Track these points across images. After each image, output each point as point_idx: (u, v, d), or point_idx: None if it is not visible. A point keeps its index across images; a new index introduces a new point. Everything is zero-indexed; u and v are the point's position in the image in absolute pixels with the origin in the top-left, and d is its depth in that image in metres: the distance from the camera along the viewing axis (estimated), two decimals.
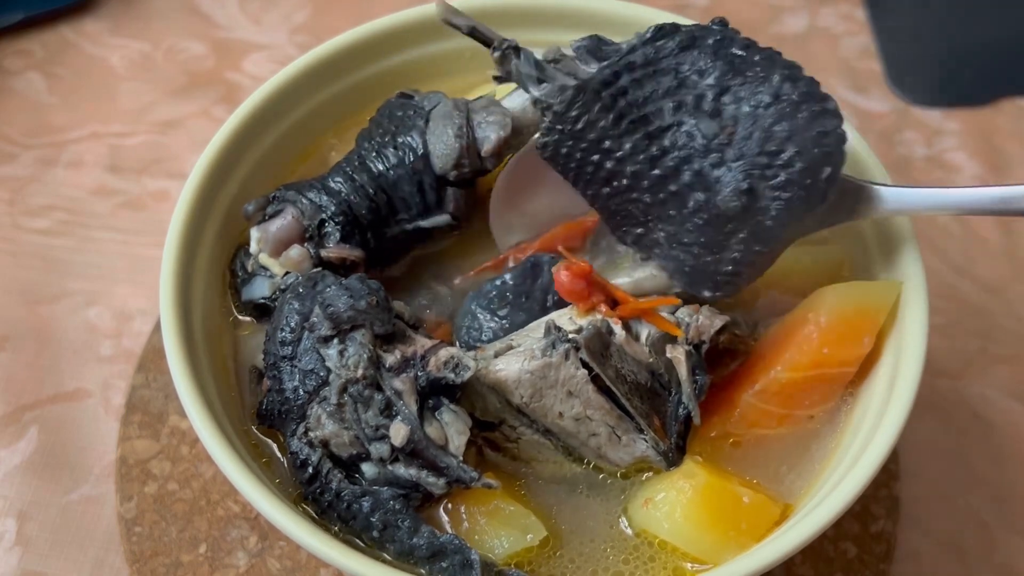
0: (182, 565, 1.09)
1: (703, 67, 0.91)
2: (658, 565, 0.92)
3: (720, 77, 0.91)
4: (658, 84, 0.92)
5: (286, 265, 1.01)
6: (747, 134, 0.90)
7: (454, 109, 1.02)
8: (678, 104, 0.91)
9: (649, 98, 0.92)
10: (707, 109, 0.91)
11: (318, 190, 1.02)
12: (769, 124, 0.89)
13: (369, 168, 1.03)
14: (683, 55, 0.92)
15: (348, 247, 1.01)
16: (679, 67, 0.92)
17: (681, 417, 0.95)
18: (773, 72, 0.90)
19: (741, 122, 0.90)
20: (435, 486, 0.88)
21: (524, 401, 0.93)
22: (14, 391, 1.24)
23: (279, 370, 0.92)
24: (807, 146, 0.89)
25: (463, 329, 1.01)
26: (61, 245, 1.36)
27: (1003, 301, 1.35)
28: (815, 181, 0.89)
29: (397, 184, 1.03)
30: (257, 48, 1.57)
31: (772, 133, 0.89)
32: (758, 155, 0.89)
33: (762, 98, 0.89)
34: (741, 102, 0.90)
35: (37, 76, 1.53)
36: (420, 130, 1.03)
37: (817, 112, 0.89)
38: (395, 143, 1.03)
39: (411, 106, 1.05)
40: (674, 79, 0.92)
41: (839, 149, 0.90)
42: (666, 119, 0.92)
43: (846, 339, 0.96)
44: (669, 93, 0.92)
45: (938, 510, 1.19)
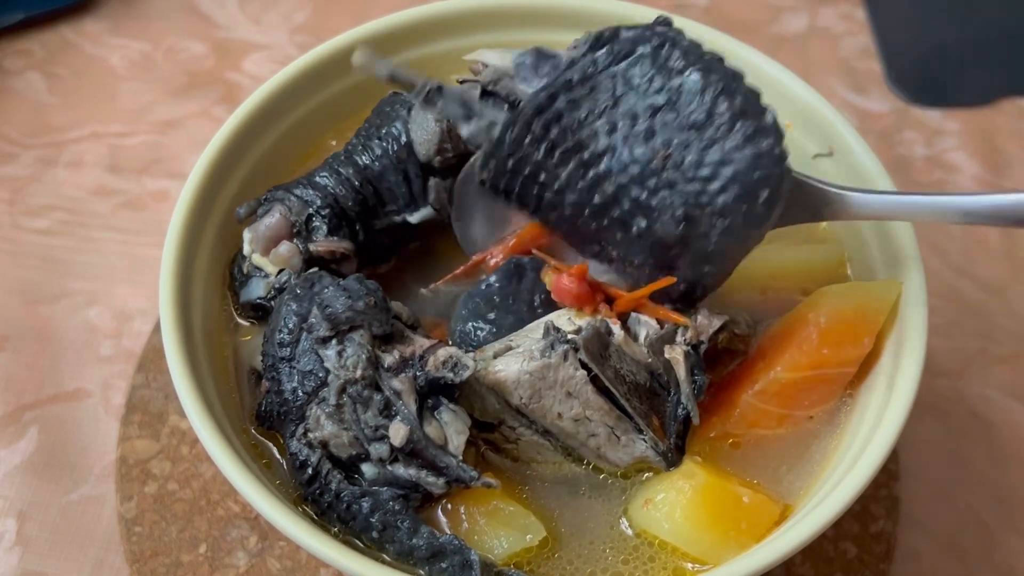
0: (182, 565, 1.09)
1: (639, 83, 0.88)
2: (658, 565, 0.92)
3: (655, 94, 0.87)
4: (595, 103, 0.89)
5: (276, 262, 1.01)
6: (680, 159, 0.87)
7: None
8: (612, 126, 0.89)
9: (584, 121, 0.90)
10: (641, 131, 0.88)
11: (304, 186, 1.03)
12: (702, 148, 0.86)
13: (355, 161, 1.03)
14: (620, 67, 0.89)
15: (336, 240, 1.01)
16: (615, 83, 0.89)
17: (680, 417, 0.95)
18: (708, 86, 0.86)
19: (675, 146, 0.87)
20: (435, 486, 0.88)
21: (523, 402, 0.93)
22: (14, 391, 1.24)
23: (278, 371, 0.92)
24: (742, 169, 0.86)
25: (456, 333, 1.01)
26: (61, 245, 1.36)
27: (1003, 301, 1.35)
28: (752, 205, 0.87)
29: (382, 175, 1.03)
30: (257, 48, 1.57)
31: (704, 158, 0.86)
32: (692, 181, 0.87)
33: (696, 117, 0.86)
34: (674, 122, 0.87)
35: (37, 76, 1.53)
36: (403, 119, 1.03)
37: (751, 133, 0.85)
38: (379, 135, 1.04)
39: (399, 101, 1.05)
40: (610, 97, 0.89)
41: (776, 170, 0.86)
42: (600, 143, 0.89)
43: (846, 339, 0.96)
44: (604, 113, 0.89)
45: (938, 510, 1.19)
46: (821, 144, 1.09)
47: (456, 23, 1.15)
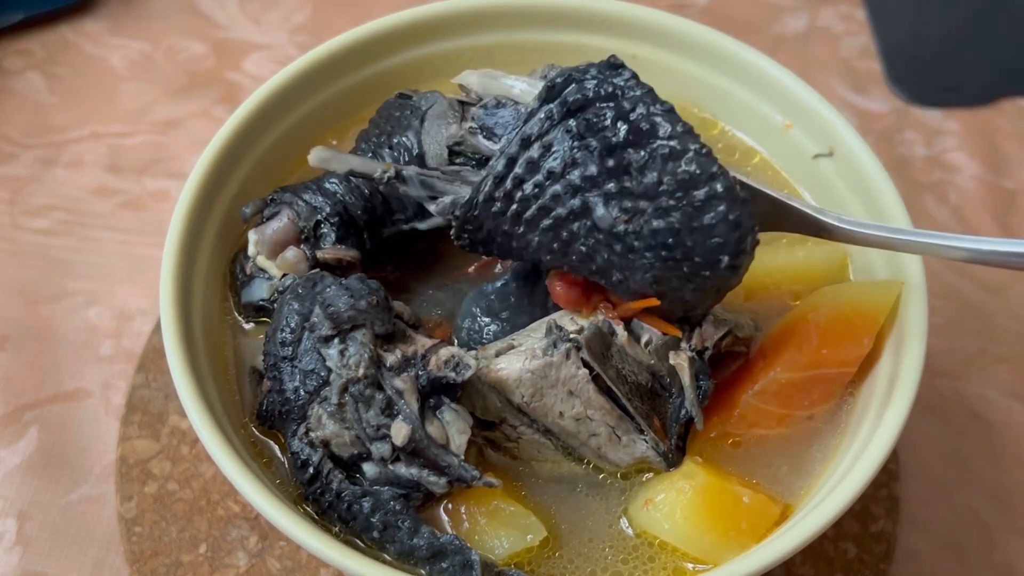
0: (182, 565, 1.09)
1: (592, 142, 0.86)
2: (658, 565, 0.92)
3: (607, 156, 0.86)
4: (554, 162, 0.88)
5: (282, 267, 1.01)
6: (639, 227, 0.86)
7: (449, 109, 1.02)
8: (573, 188, 0.87)
9: (545, 185, 0.89)
10: (600, 196, 0.87)
11: (314, 191, 1.02)
12: (657, 216, 0.85)
13: None
14: (572, 124, 0.87)
15: (343, 248, 1.01)
16: (571, 141, 0.87)
17: (682, 419, 0.95)
18: (657, 151, 0.84)
19: (633, 212, 0.86)
20: (436, 485, 0.88)
21: (525, 400, 0.93)
22: (14, 391, 1.24)
23: (279, 371, 0.92)
24: (698, 240, 0.85)
25: (463, 330, 1.01)
26: (61, 245, 1.36)
27: (1003, 301, 1.35)
28: (715, 270, 0.86)
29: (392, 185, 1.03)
30: (257, 48, 1.57)
31: (660, 226, 0.85)
32: (653, 249, 0.86)
33: (649, 181, 0.85)
34: (631, 187, 0.86)
35: (37, 76, 1.53)
36: (416, 130, 1.03)
37: (700, 202, 0.84)
38: (391, 143, 1.03)
39: (408, 106, 1.05)
40: (568, 156, 0.87)
41: (732, 236, 0.85)
42: (565, 205, 0.88)
43: (846, 339, 0.96)
44: (563, 176, 0.88)
45: (938, 510, 1.19)
46: (821, 144, 1.09)
47: (456, 23, 1.15)
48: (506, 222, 0.91)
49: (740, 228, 0.85)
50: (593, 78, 0.87)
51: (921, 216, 1.42)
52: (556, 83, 0.88)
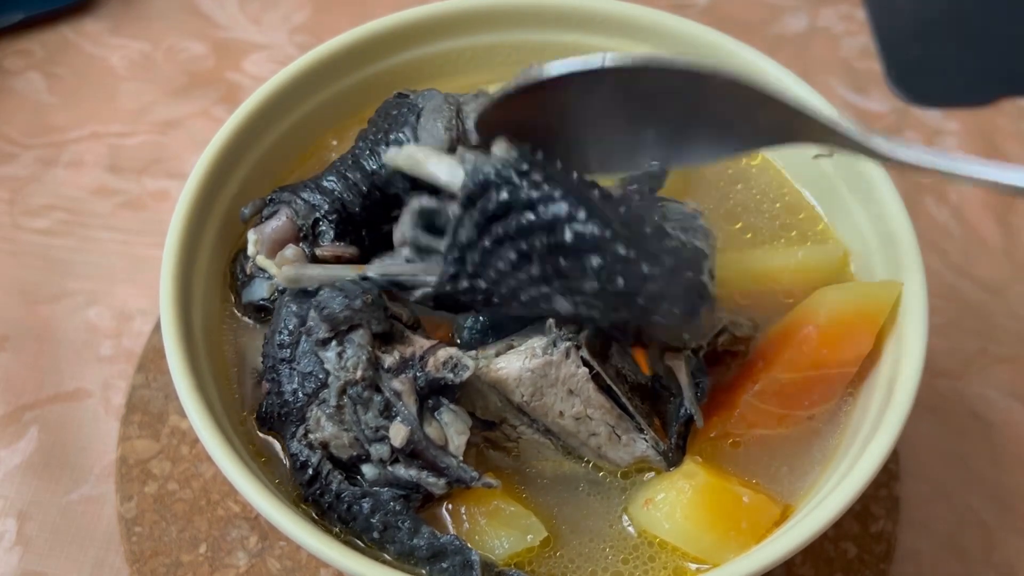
0: (182, 565, 1.09)
1: (523, 246, 0.87)
2: (658, 565, 0.92)
3: (543, 259, 0.87)
4: (500, 262, 0.88)
5: (282, 265, 1.00)
6: (599, 315, 0.89)
7: (444, 102, 1.03)
8: (528, 282, 0.88)
9: (500, 280, 0.89)
10: (556, 287, 0.88)
11: (312, 189, 1.03)
12: (609, 311, 0.88)
13: (363, 166, 1.03)
14: (501, 228, 0.87)
15: (342, 245, 1.01)
16: (508, 244, 0.87)
17: (682, 418, 0.95)
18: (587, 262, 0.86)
19: (589, 306, 0.88)
20: (435, 486, 0.88)
21: (524, 400, 0.93)
22: (14, 391, 1.24)
23: (278, 373, 0.92)
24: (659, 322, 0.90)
25: (465, 330, 1.01)
26: (61, 245, 1.36)
27: (1003, 301, 1.35)
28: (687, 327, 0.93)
29: (390, 181, 1.03)
30: (257, 48, 1.57)
31: (617, 319, 0.90)
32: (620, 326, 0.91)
33: (589, 289, 0.87)
34: (577, 286, 0.87)
35: (37, 76, 1.53)
36: (412, 126, 1.03)
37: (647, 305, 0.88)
38: (387, 140, 1.03)
39: (406, 104, 1.05)
40: (509, 257, 0.87)
41: (695, 317, 0.91)
42: (527, 292, 0.89)
43: (846, 339, 0.96)
44: (517, 267, 0.88)
45: (938, 510, 1.19)
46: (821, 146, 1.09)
47: (456, 23, 1.15)
48: (480, 303, 0.92)
49: (697, 305, 0.90)
50: (507, 183, 0.86)
51: (921, 216, 1.42)
52: (472, 189, 0.87)
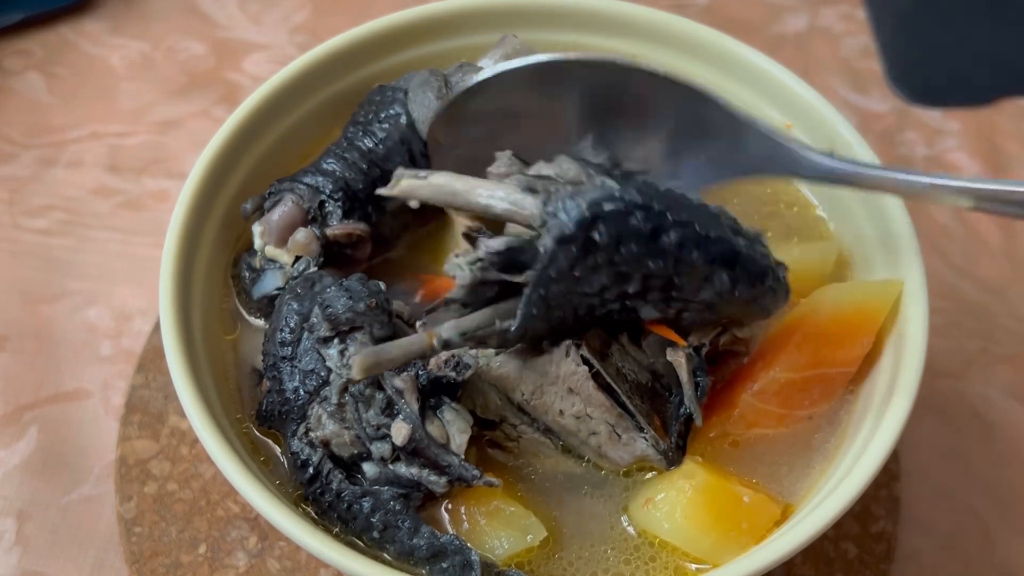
0: (182, 565, 1.09)
1: (625, 270, 0.85)
2: (659, 565, 0.92)
3: (647, 278, 0.85)
4: (588, 288, 0.85)
5: (294, 250, 1.01)
6: (691, 316, 0.90)
7: (430, 75, 1.05)
8: (612, 300, 0.87)
9: (581, 302, 0.87)
10: (647, 301, 0.88)
11: (313, 173, 1.03)
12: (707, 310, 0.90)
13: (358, 146, 1.04)
14: (601, 257, 0.83)
15: (352, 222, 1.01)
16: (606, 271, 0.84)
17: (682, 417, 0.95)
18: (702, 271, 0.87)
19: (682, 308, 0.89)
20: (436, 485, 0.88)
21: (525, 398, 0.93)
22: (14, 391, 1.24)
23: (279, 371, 0.92)
24: (755, 308, 0.92)
25: None
26: (61, 245, 1.36)
27: (1003, 301, 1.35)
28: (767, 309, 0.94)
29: (388, 156, 1.04)
30: (257, 48, 1.57)
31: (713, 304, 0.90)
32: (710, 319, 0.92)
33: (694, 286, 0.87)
34: (676, 294, 0.87)
35: (37, 76, 1.53)
36: (401, 102, 1.05)
37: (759, 295, 0.90)
38: (379, 119, 1.05)
39: (388, 89, 1.07)
40: (601, 282, 0.85)
41: (784, 298, 0.93)
42: (605, 308, 0.88)
43: (846, 339, 0.96)
44: (600, 294, 0.87)
45: (938, 510, 1.19)
46: (821, 144, 1.09)
47: (456, 23, 1.15)
48: (547, 331, 0.90)
49: (787, 289, 0.92)
50: (628, 214, 0.82)
51: (921, 216, 1.42)
52: (575, 229, 0.81)
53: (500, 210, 0.87)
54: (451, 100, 0.96)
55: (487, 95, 0.95)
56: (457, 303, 0.88)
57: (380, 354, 0.84)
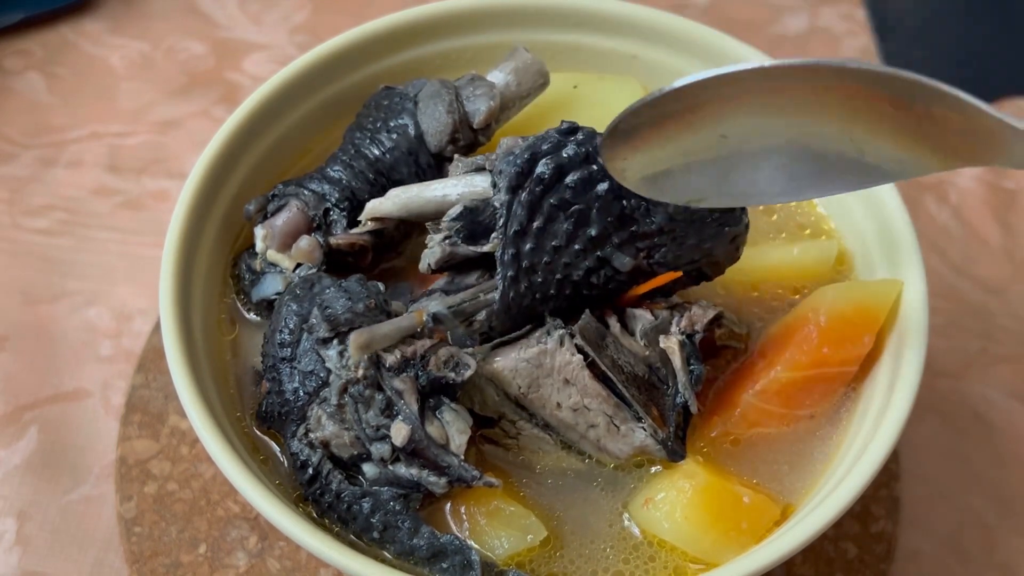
0: (182, 565, 1.09)
1: (582, 207, 0.89)
2: (658, 565, 0.92)
3: (605, 211, 0.89)
4: (554, 240, 0.90)
5: (297, 257, 1.01)
6: (663, 256, 0.92)
7: (441, 87, 1.04)
8: (583, 252, 0.90)
9: (556, 260, 0.90)
10: (616, 243, 0.90)
11: (319, 180, 1.03)
12: (677, 246, 0.91)
13: (365, 155, 1.04)
14: (554, 198, 0.89)
15: (356, 232, 1.01)
16: (562, 214, 0.89)
17: (679, 407, 0.95)
18: None
19: (650, 248, 0.91)
20: (436, 485, 0.88)
21: (521, 391, 0.93)
22: (14, 391, 1.24)
23: (278, 372, 0.92)
24: (718, 247, 0.94)
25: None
26: (61, 245, 1.36)
27: (1003, 301, 1.35)
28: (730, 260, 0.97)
29: (395, 167, 1.03)
30: (257, 48, 1.57)
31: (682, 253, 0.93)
32: (679, 265, 0.94)
33: (659, 220, 0.90)
34: (641, 230, 0.90)
35: (37, 76, 1.53)
36: (410, 112, 1.04)
37: (717, 220, 0.92)
38: (387, 127, 1.04)
39: (396, 94, 1.06)
40: (566, 228, 0.89)
41: (743, 230, 0.95)
42: (580, 268, 0.91)
43: (846, 338, 0.96)
44: (568, 246, 0.90)
45: (938, 510, 1.19)
46: None
47: (456, 23, 1.15)
48: (537, 304, 0.93)
49: (746, 222, 0.94)
50: (560, 147, 0.89)
51: (921, 216, 1.42)
52: (521, 166, 0.88)
53: (456, 195, 0.93)
54: (640, 105, 0.81)
55: None
56: (438, 291, 0.93)
57: (374, 332, 0.87)
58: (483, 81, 1.05)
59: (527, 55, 1.08)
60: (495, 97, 1.04)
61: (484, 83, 1.05)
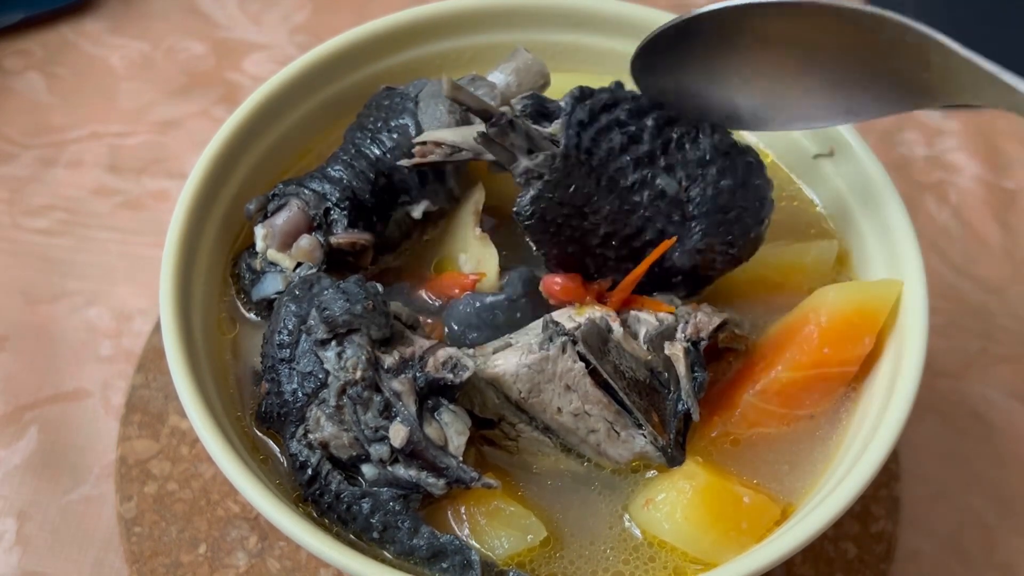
0: (182, 565, 1.09)
1: (634, 126, 0.96)
2: (658, 565, 0.92)
3: (656, 133, 0.96)
4: (611, 141, 0.95)
5: (297, 256, 1.01)
6: (701, 191, 0.97)
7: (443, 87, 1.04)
8: (637, 160, 0.96)
9: (608, 157, 0.95)
10: (662, 165, 0.96)
11: (320, 180, 1.03)
12: (715, 180, 0.97)
13: (366, 154, 1.04)
14: (609, 116, 0.96)
15: (357, 232, 1.01)
16: (618, 126, 0.96)
17: (680, 413, 0.95)
18: (695, 124, 0.98)
19: (694, 178, 0.96)
20: (435, 487, 0.88)
21: (522, 396, 0.93)
22: (14, 391, 1.24)
23: (277, 372, 0.92)
24: (750, 199, 0.98)
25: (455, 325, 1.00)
26: (61, 245, 1.36)
27: (1003, 301, 1.35)
28: (757, 230, 0.99)
29: (395, 167, 1.03)
30: (257, 48, 1.57)
31: (720, 191, 0.97)
32: (711, 214, 0.97)
33: (698, 153, 0.97)
34: (686, 152, 0.97)
35: (37, 76, 1.53)
36: (411, 112, 1.04)
37: (749, 165, 0.98)
38: (388, 127, 1.04)
39: (397, 94, 1.06)
40: (622, 134, 0.96)
41: (770, 193, 1.00)
42: (630, 177, 0.96)
43: (846, 338, 0.96)
44: (624, 149, 0.95)
45: (938, 510, 1.19)
46: (821, 144, 1.09)
47: (456, 23, 1.15)
48: (589, 183, 0.96)
49: (771, 186, 1.00)
50: (610, 89, 0.98)
51: (921, 216, 1.42)
52: (580, 90, 0.96)
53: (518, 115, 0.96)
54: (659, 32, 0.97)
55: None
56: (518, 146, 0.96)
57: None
58: (484, 82, 1.06)
59: (528, 56, 1.08)
60: (496, 97, 1.04)
61: (485, 83, 1.05)
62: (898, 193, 1.02)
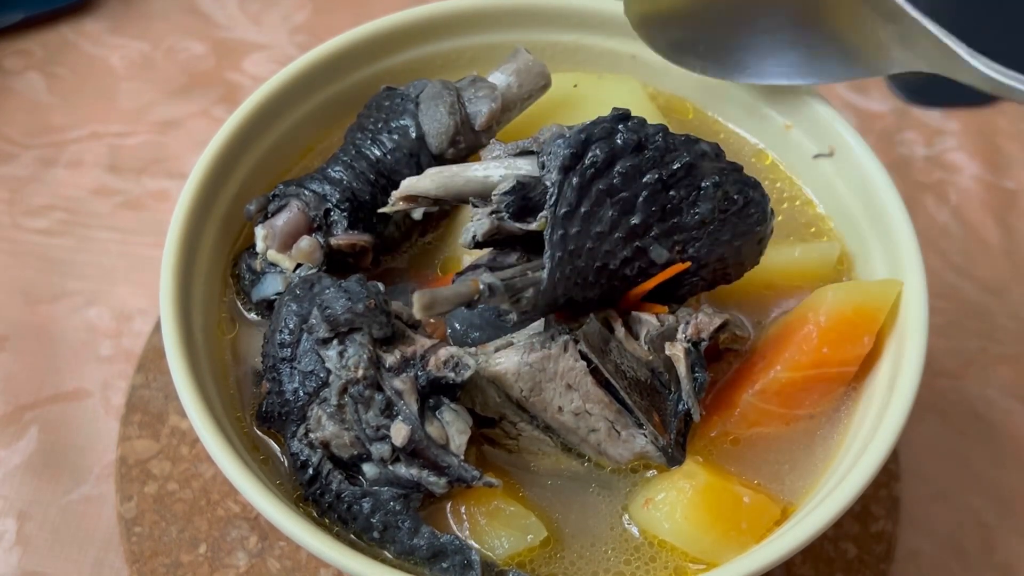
0: (182, 565, 1.09)
1: (627, 196, 0.89)
2: (659, 565, 0.92)
3: (651, 200, 0.90)
4: (599, 225, 0.90)
5: (297, 257, 1.01)
6: (696, 251, 0.93)
7: (443, 88, 1.04)
8: (628, 234, 0.90)
9: (597, 247, 0.90)
10: (654, 235, 0.91)
11: (320, 181, 1.03)
12: (712, 243, 0.93)
13: (367, 155, 1.04)
14: (603, 184, 0.89)
15: (357, 233, 1.01)
16: (609, 200, 0.89)
17: (680, 413, 0.95)
18: (702, 182, 0.91)
19: (687, 242, 0.92)
20: (436, 486, 0.88)
21: (523, 395, 0.93)
22: (14, 391, 1.24)
23: (278, 372, 0.92)
24: (748, 246, 0.96)
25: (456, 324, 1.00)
26: (61, 245, 1.36)
27: (1003, 301, 1.35)
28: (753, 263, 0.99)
29: (396, 168, 1.04)
30: (257, 48, 1.57)
31: (719, 242, 0.93)
32: (709, 264, 0.95)
33: (703, 211, 0.91)
34: (682, 218, 0.91)
35: (37, 76, 1.53)
36: (412, 113, 1.04)
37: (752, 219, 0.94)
38: (389, 128, 1.04)
39: (398, 95, 1.06)
40: (611, 214, 0.89)
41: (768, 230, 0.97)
42: (618, 256, 0.91)
43: (846, 338, 0.96)
44: (616, 226, 0.90)
45: (938, 510, 1.19)
46: (821, 144, 1.09)
47: (456, 23, 1.15)
48: (576, 289, 0.92)
49: (772, 225, 0.97)
50: (612, 133, 0.89)
51: (921, 216, 1.42)
52: (575, 147, 0.88)
53: (499, 176, 0.92)
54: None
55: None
56: (483, 267, 0.93)
57: (435, 294, 0.86)
58: (484, 83, 1.06)
59: (528, 57, 1.08)
60: (497, 99, 1.04)
61: (486, 85, 1.05)
62: (898, 193, 1.02)
